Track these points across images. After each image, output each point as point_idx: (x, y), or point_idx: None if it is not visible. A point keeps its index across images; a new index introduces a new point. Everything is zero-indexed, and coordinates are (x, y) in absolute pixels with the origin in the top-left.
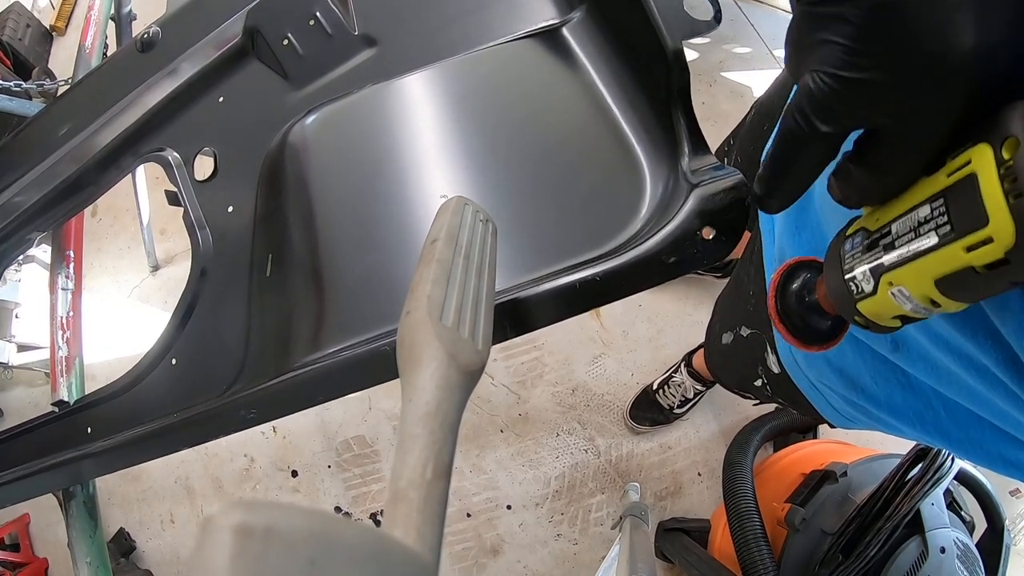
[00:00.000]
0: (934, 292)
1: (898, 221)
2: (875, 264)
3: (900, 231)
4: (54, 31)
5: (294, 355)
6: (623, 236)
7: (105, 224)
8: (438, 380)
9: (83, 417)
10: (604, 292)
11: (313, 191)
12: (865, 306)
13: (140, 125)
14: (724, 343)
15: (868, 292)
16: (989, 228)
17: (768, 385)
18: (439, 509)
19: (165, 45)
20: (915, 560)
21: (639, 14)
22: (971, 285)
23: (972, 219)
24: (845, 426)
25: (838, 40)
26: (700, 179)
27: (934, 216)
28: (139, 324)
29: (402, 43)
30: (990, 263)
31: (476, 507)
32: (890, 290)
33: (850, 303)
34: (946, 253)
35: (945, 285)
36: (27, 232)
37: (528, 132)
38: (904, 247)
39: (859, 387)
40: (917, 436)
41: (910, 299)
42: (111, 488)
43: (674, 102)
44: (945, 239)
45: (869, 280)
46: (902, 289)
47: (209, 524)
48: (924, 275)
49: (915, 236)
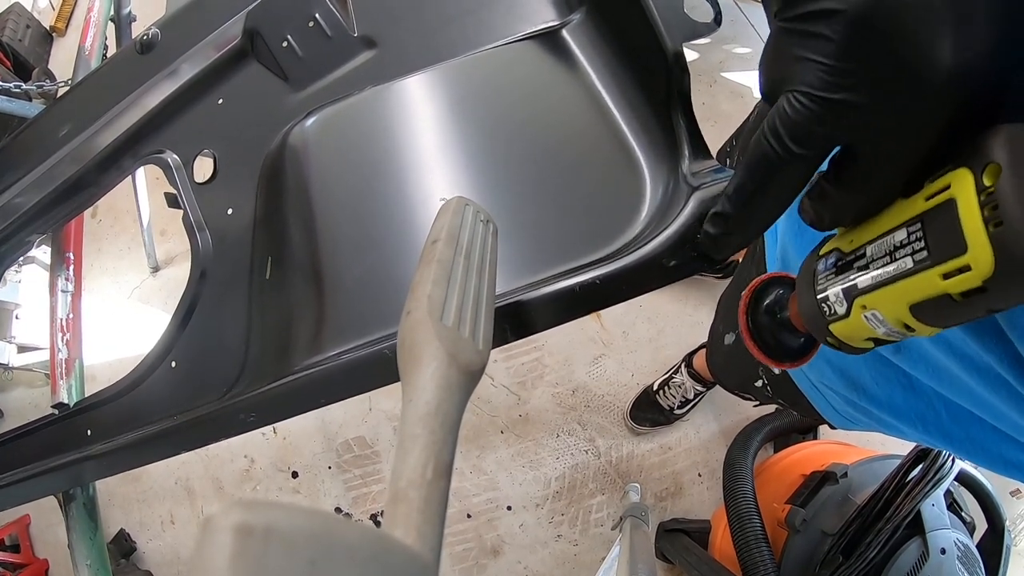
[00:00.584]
0: (908, 317)
1: (873, 244)
2: (848, 286)
3: (875, 254)
4: (54, 32)
5: (294, 358)
6: (623, 239)
7: (105, 225)
8: (438, 380)
9: (83, 419)
10: (604, 296)
11: (313, 193)
12: (837, 328)
13: (140, 127)
14: (727, 344)
15: (841, 314)
16: (967, 256)
17: (769, 386)
18: (439, 509)
19: (164, 47)
20: (915, 561)
21: (639, 16)
22: (947, 312)
23: (950, 246)
24: (846, 427)
25: (817, 59)
26: (701, 181)
27: (910, 241)
28: (139, 325)
29: (402, 45)
30: (967, 291)
31: (476, 508)
32: (863, 313)
33: (822, 324)
34: (922, 279)
35: (920, 311)
36: (27, 234)
37: (528, 134)
38: (879, 271)
39: (860, 388)
40: (918, 437)
41: (884, 323)
42: (111, 489)
43: (674, 104)
44: (921, 265)
45: (842, 302)
46: (876, 313)
47: (209, 524)
48: (899, 300)
49: (890, 260)
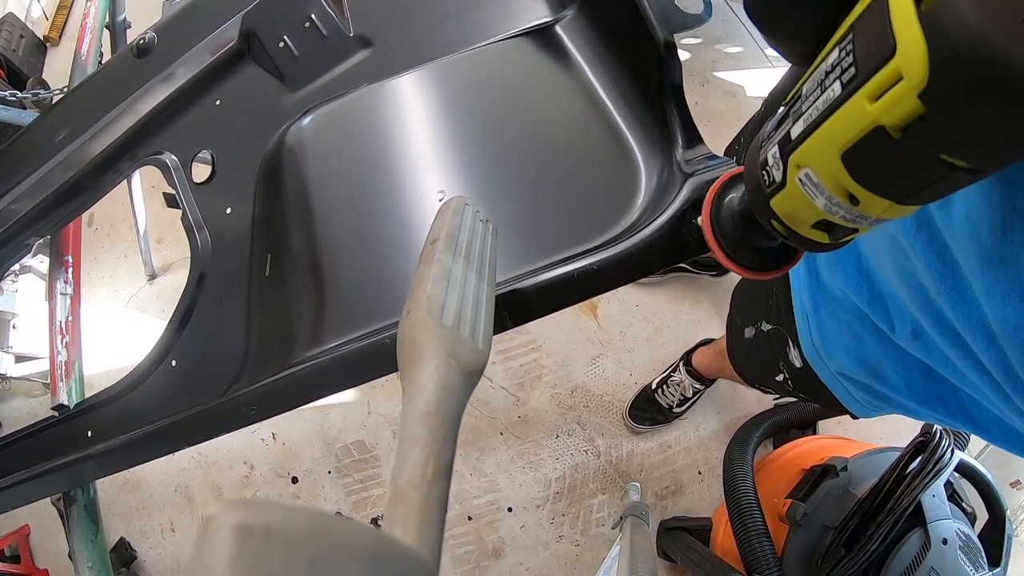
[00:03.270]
0: (843, 174)
1: (809, 79)
2: (782, 137)
3: (808, 90)
4: (48, 41)
5: (295, 351)
6: (620, 226)
7: (101, 233)
8: (438, 379)
9: (83, 421)
10: (602, 281)
11: (311, 191)
12: (777, 203)
13: (137, 129)
14: (747, 338)
15: (778, 182)
16: (896, 59)
17: (790, 380)
18: (439, 509)
19: (161, 50)
20: (918, 552)
21: (630, 9)
22: (886, 160)
23: (876, 49)
24: (867, 415)
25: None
26: (694, 168)
27: (841, 60)
28: (136, 333)
29: (397, 43)
30: (905, 121)
31: (477, 510)
32: (797, 175)
33: (763, 200)
34: (849, 109)
35: (854, 161)
36: (26, 237)
37: (523, 128)
38: (809, 110)
39: (880, 376)
40: (939, 419)
41: (820, 188)
42: (111, 498)
43: (666, 95)
44: (849, 88)
45: (778, 164)
46: (809, 173)
47: (209, 523)
48: (829, 147)
49: (820, 92)
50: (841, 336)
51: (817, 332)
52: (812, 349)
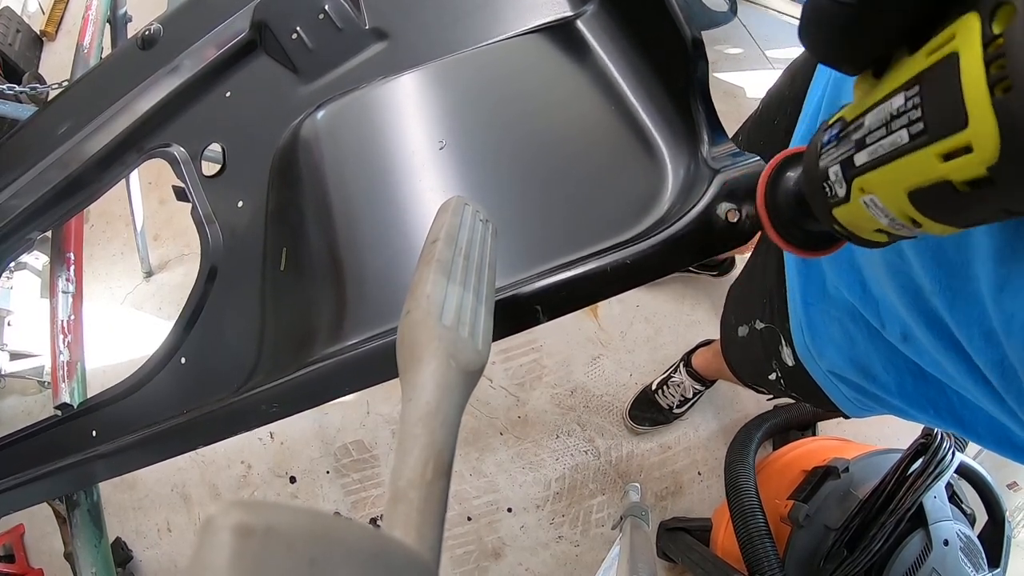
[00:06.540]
0: (909, 207)
1: (872, 111)
2: (845, 161)
3: (872, 124)
4: (44, 36)
5: (315, 347)
6: (648, 221)
7: (97, 230)
8: (438, 379)
9: (88, 420)
10: (634, 275)
11: (328, 185)
12: (840, 213)
13: (143, 122)
14: (740, 336)
15: (841, 197)
16: (968, 132)
17: (783, 379)
18: (439, 509)
19: (167, 42)
20: (919, 553)
21: (656, 6)
22: (952, 205)
23: (948, 117)
24: (859, 415)
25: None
26: (721, 164)
27: (907, 109)
28: (133, 331)
29: (413, 37)
30: (971, 179)
31: (477, 510)
32: (862, 198)
33: (825, 208)
34: (918, 159)
35: (921, 200)
36: (28, 231)
37: (545, 123)
38: (875, 145)
39: (871, 375)
40: (929, 421)
41: (885, 212)
42: (106, 497)
43: (693, 92)
44: (917, 141)
45: (841, 183)
46: (875, 199)
47: (209, 524)
48: (895, 184)
49: (886, 133)
50: (832, 334)
51: (808, 330)
52: (804, 347)
